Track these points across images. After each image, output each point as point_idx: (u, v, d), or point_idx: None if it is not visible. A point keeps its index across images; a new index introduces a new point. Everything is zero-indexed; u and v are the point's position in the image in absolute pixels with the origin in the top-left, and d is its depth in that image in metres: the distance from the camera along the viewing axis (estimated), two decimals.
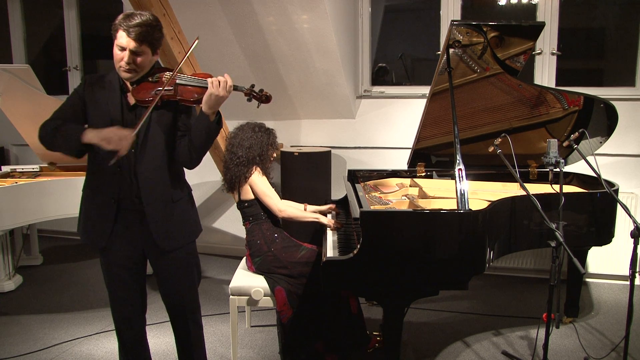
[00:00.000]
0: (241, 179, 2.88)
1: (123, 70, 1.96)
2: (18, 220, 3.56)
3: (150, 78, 2.03)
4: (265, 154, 2.95)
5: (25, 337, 3.22)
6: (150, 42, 1.95)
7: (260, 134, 2.96)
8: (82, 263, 4.68)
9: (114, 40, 1.96)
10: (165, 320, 3.23)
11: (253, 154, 2.89)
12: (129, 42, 1.91)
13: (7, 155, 5.66)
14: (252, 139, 2.92)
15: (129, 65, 1.94)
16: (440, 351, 2.98)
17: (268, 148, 2.97)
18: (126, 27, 1.90)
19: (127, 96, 2.05)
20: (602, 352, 2.91)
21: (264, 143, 2.94)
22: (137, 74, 1.99)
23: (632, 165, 3.94)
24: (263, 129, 3.00)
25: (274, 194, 2.91)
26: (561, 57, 4.09)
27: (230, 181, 2.94)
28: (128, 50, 1.92)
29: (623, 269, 3.87)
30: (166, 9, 3.25)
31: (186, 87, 2.00)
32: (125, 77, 1.99)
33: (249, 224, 2.93)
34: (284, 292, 2.74)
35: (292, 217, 2.92)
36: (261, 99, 2.06)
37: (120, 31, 1.92)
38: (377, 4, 4.61)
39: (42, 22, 5.74)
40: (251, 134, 2.94)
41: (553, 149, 2.49)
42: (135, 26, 1.90)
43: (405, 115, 4.34)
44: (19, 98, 3.65)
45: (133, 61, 1.94)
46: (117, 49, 1.95)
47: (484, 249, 2.36)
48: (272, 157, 3.04)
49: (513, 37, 2.79)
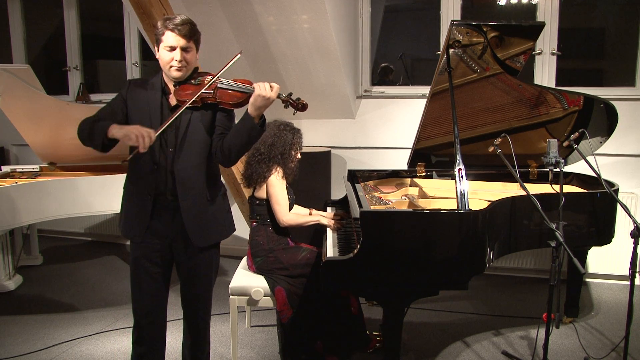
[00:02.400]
0: (260, 177, 2.85)
1: (175, 69, 2.05)
2: (18, 220, 3.56)
3: (193, 80, 2.12)
4: (288, 153, 2.89)
5: (25, 337, 3.22)
6: (196, 39, 2.08)
7: (285, 132, 2.91)
8: (82, 263, 4.68)
9: (159, 45, 2.07)
10: (168, 319, 3.22)
11: (275, 152, 2.85)
12: (179, 40, 2.02)
13: (7, 155, 5.67)
14: (276, 137, 2.88)
15: (180, 63, 2.04)
16: (440, 351, 2.98)
17: (291, 147, 2.91)
18: (174, 27, 2.01)
19: (169, 97, 2.14)
20: (602, 352, 2.91)
21: (287, 142, 2.89)
22: (187, 71, 2.09)
23: (632, 165, 3.94)
24: (289, 128, 2.94)
25: (285, 203, 2.85)
26: (561, 57, 4.09)
27: (249, 177, 2.90)
28: (179, 49, 2.03)
29: (623, 269, 3.87)
30: (166, 9, 3.25)
31: (226, 91, 2.08)
32: (177, 75, 2.07)
33: (255, 222, 2.92)
34: (284, 292, 2.74)
35: (293, 225, 2.87)
36: (297, 106, 2.11)
37: (168, 32, 2.02)
38: (377, 4, 4.61)
39: (42, 22, 5.74)
40: (276, 131, 2.90)
41: (553, 149, 2.49)
42: (182, 24, 2.02)
43: (405, 115, 4.34)
44: (19, 98, 3.65)
45: (184, 58, 2.04)
46: (166, 50, 2.05)
47: (484, 249, 2.36)
48: (296, 158, 2.96)
49: (513, 37, 2.79)
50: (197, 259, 2.23)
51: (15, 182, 3.69)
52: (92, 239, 5.43)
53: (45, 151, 4.13)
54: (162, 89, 2.14)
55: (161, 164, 2.11)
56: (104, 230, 5.35)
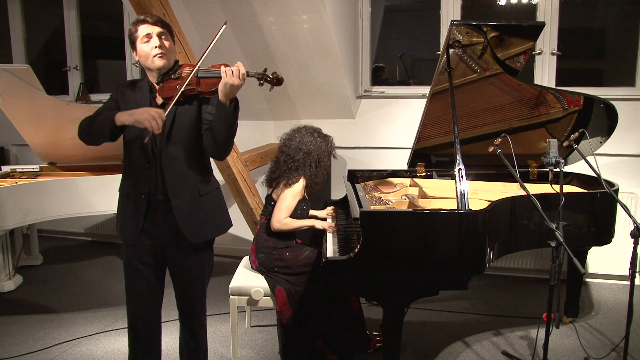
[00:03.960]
0: (286, 182, 2.81)
1: (158, 56, 2.06)
2: (18, 220, 3.56)
3: (173, 75, 2.10)
4: (322, 161, 2.86)
5: (25, 337, 3.22)
6: (169, 29, 2.12)
7: (320, 139, 2.87)
8: (82, 263, 4.68)
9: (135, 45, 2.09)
10: (166, 320, 3.22)
11: (310, 160, 2.81)
12: (153, 28, 2.06)
13: (7, 155, 5.66)
14: (312, 144, 2.83)
15: (161, 49, 2.05)
16: (440, 351, 2.98)
17: (325, 155, 2.88)
18: (144, 19, 2.07)
19: (156, 96, 2.15)
20: (602, 352, 2.91)
21: (322, 149, 2.86)
22: (169, 61, 2.10)
23: (632, 165, 3.94)
24: (322, 135, 2.91)
25: (287, 212, 2.82)
26: (561, 57, 4.09)
27: (275, 179, 2.88)
28: (155, 35, 2.06)
29: (623, 269, 3.87)
30: (166, 9, 3.25)
31: (204, 80, 2.05)
32: (161, 64, 2.07)
33: (265, 219, 2.92)
34: (284, 292, 2.74)
35: (283, 230, 2.84)
36: (272, 81, 2.05)
37: (139, 26, 2.07)
38: (377, 4, 4.61)
39: (42, 22, 5.74)
40: (310, 138, 2.85)
41: (553, 149, 2.49)
42: (151, 15, 2.10)
43: (405, 115, 4.34)
44: (19, 98, 3.65)
45: (163, 44, 2.07)
46: (144, 41, 2.06)
47: (484, 249, 2.36)
48: (327, 166, 2.92)
49: (513, 37, 2.79)
50: (190, 259, 2.21)
51: (15, 182, 3.69)
52: (92, 239, 5.43)
53: (45, 151, 4.13)
54: (150, 89, 2.14)
55: (152, 162, 2.10)
56: (104, 230, 5.35)
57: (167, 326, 3.10)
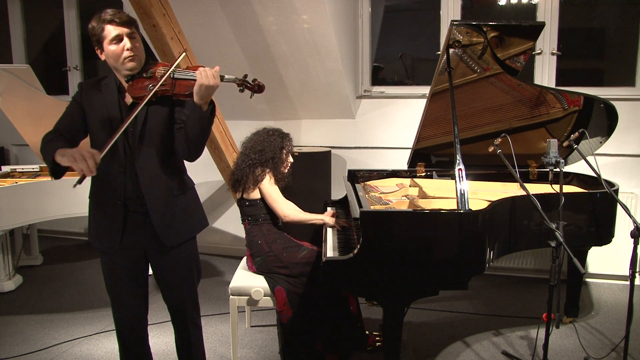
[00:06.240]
0: (249, 181, 2.86)
1: (129, 59, 1.98)
2: (18, 220, 3.56)
3: (145, 74, 2.02)
4: (279, 157, 2.93)
5: (25, 337, 3.22)
6: (136, 25, 2.02)
7: (274, 137, 2.96)
8: (82, 263, 4.68)
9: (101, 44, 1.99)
10: (165, 320, 3.23)
11: (266, 157, 2.89)
12: (122, 29, 1.95)
13: (7, 155, 5.66)
14: (265, 143, 2.93)
15: (132, 51, 1.97)
16: (440, 351, 2.98)
17: (282, 152, 2.95)
18: (111, 18, 1.94)
19: (125, 96, 2.06)
20: (602, 352, 2.91)
21: (276, 146, 2.93)
22: (140, 62, 2.01)
23: (632, 165, 3.94)
24: (277, 133, 2.99)
25: (282, 198, 2.90)
26: (561, 57, 4.09)
27: (237, 180, 2.91)
28: (125, 37, 1.96)
29: (623, 269, 3.87)
30: (166, 9, 3.25)
31: (181, 82, 1.98)
32: (132, 66, 1.99)
33: (248, 224, 2.93)
34: (284, 292, 2.74)
35: (295, 221, 2.90)
36: (253, 88, 2.00)
37: (107, 26, 1.95)
38: (377, 4, 4.61)
39: (42, 22, 5.74)
40: (265, 137, 2.95)
41: (553, 149, 2.49)
42: (119, 13, 1.96)
43: (405, 115, 4.34)
44: (19, 98, 3.65)
45: (133, 46, 1.97)
46: (113, 43, 1.96)
47: (484, 249, 2.36)
48: (288, 162, 3.00)
49: (513, 37, 2.79)
50: (174, 260, 2.15)
51: (15, 182, 3.69)
52: None
53: None
54: (118, 88, 2.05)
55: (126, 165, 2.03)
56: None
57: (167, 326, 3.10)
